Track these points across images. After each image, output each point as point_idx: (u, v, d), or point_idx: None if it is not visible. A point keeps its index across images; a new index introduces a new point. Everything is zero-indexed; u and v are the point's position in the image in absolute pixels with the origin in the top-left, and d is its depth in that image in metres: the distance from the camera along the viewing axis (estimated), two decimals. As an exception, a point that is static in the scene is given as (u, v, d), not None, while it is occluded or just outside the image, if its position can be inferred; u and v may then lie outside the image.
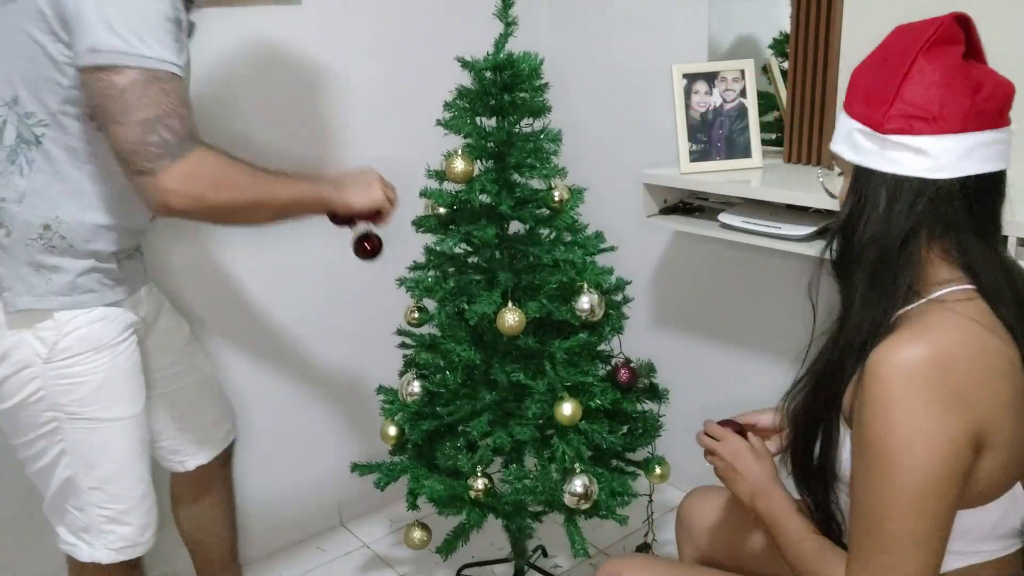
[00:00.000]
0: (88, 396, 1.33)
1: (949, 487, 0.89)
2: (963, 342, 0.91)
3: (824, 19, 1.69)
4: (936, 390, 0.88)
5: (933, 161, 0.93)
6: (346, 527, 2.30)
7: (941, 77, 0.93)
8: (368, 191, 1.44)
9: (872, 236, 0.97)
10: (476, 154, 1.57)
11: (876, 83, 0.97)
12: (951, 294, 0.96)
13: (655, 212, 1.92)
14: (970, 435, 0.89)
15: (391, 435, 1.72)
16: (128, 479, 1.41)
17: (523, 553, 1.91)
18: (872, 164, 0.97)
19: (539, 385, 1.58)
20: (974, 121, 0.93)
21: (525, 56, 1.54)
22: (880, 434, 0.90)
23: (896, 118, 0.94)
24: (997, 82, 0.95)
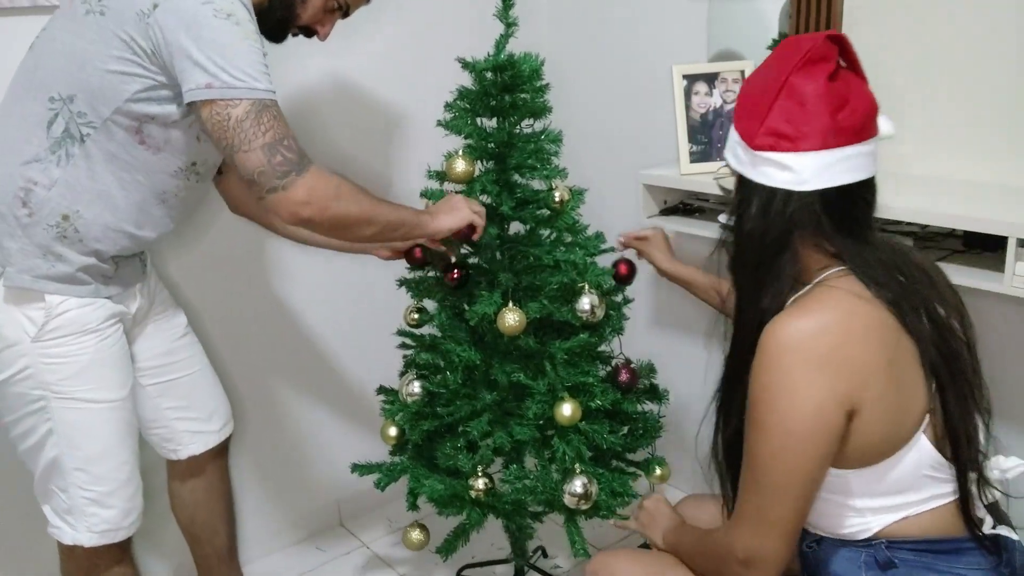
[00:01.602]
0: (74, 376, 1.37)
1: (810, 441, 1.01)
2: (835, 309, 1.03)
3: (824, 20, 1.69)
4: (809, 355, 1.00)
5: (796, 175, 1.04)
6: (346, 527, 2.30)
7: (806, 97, 1.02)
8: (456, 213, 1.51)
9: (751, 238, 1.09)
10: (477, 155, 1.57)
11: (754, 99, 1.07)
12: (831, 276, 1.08)
13: (655, 213, 1.92)
14: (839, 397, 1.00)
15: (391, 435, 1.72)
16: (111, 461, 1.44)
17: (523, 553, 1.91)
18: (748, 174, 1.08)
19: (539, 385, 1.58)
20: (833, 139, 1.03)
21: (526, 57, 1.54)
22: (756, 393, 1.04)
23: (765, 136, 1.05)
24: (861, 100, 1.05)
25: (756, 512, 1.06)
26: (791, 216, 1.06)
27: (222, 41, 1.21)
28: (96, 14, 1.26)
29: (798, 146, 1.03)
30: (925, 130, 1.66)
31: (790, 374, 1.00)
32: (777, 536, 1.05)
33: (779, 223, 1.06)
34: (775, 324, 1.03)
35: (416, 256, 1.62)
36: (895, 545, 1.09)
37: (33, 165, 1.31)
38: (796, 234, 1.07)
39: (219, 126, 1.23)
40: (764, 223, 1.07)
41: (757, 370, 1.04)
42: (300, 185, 1.27)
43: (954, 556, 1.08)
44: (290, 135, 1.27)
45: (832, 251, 1.08)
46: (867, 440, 1.04)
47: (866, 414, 1.02)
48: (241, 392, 2.03)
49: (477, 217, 1.53)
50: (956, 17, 1.56)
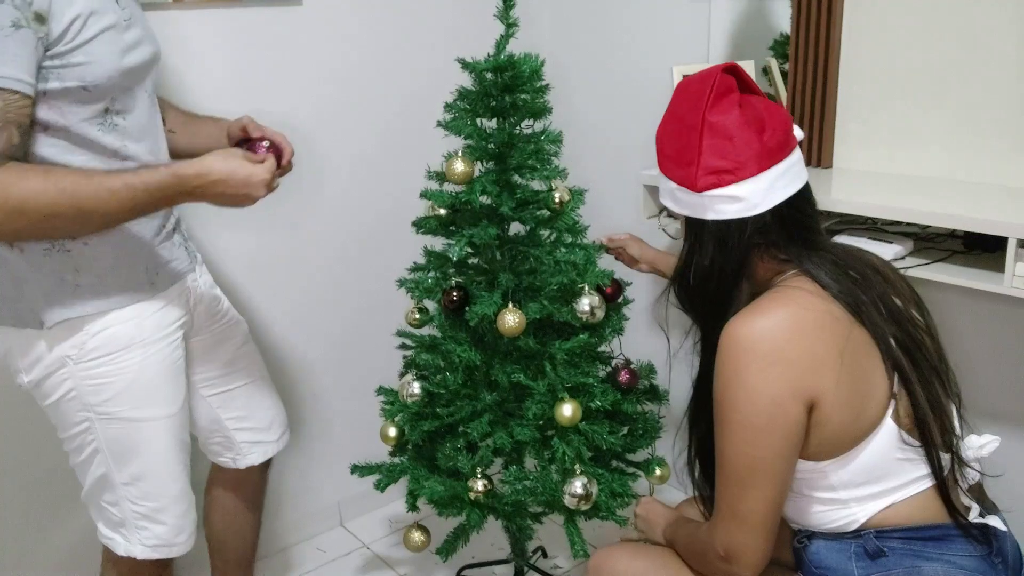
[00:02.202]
0: (117, 396, 1.33)
1: (770, 435, 1.05)
2: (786, 305, 1.07)
3: (824, 20, 1.69)
4: (761, 352, 1.04)
5: (746, 203, 1.10)
6: (346, 527, 2.31)
7: (730, 130, 1.09)
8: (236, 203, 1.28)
9: (711, 272, 1.15)
10: (477, 155, 1.57)
11: (679, 146, 1.13)
12: (785, 279, 1.13)
13: (655, 213, 1.92)
14: (793, 388, 1.04)
15: (391, 436, 1.72)
16: (161, 478, 1.41)
17: (523, 554, 1.91)
18: (698, 215, 1.14)
19: (539, 386, 1.58)
20: (767, 159, 1.09)
21: (526, 58, 1.54)
22: (717, 393, 1.09)
23: (705, 176, 1.10)
24: (776, 116, 1.11)
25: (729, 508, 1.10)
26: (748, 240, 1.12)
27: None
28: None
29: (740, 176, 1.09)
30: (925, 130, 1.65)
31: (746, 370, 1.05)
32: (750, 529, 1.08)
33: (738, 250, 1.13)
34: (730, 325, 1.07)
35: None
36: (883, 534, 1.11)
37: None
38: (753, 254, 1.14)
39: None
40: (723, 255, 1.13)
41: (717, 370, 1.09)
42: None
43: (943, 543, 1.10)
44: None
45: (784, 258, 1.14)
46: (832, 429, 1.07)
47: (825, 405, 1.05)
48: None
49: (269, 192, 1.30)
50: (956, 17, 1.56)
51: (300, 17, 1.94)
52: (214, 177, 1.22)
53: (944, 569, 1.08)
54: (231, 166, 1.24)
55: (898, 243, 1.51)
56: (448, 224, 1.65)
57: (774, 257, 1.14)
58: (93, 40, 1.19)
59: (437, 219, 1.66)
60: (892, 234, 1.57)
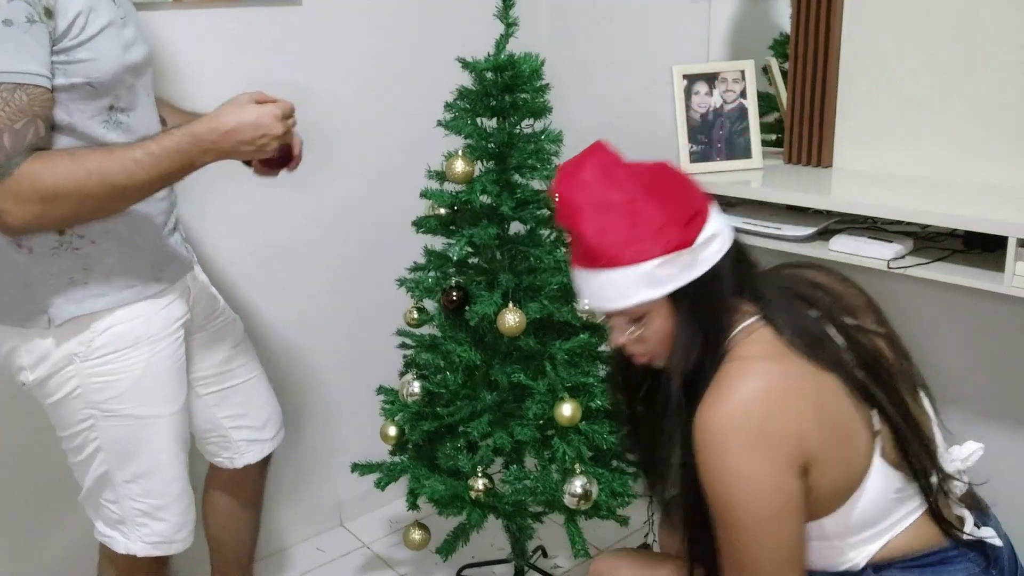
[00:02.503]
0: (122, 394, 1.34)
1: (781, 518, 0.99)
2: (752, 382, 1.01)
3: (824, 19, 1.69)
4: (743, 438, 0.97)
5: (722, 233, 1.07)
6: (346, 527, 2.30)
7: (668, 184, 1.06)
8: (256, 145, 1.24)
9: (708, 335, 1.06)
10: (477, 155, 1.57)
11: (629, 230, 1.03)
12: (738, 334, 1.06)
13: (655, 213, 1.92)
14: (787, 463, 0.98)
15: (391, 435, 1.72)
16: (163, 475, 1.42)
17: (523, 553, 1.91)
18: (693, 275, 1.05)
19: (540, 386, 1.58)
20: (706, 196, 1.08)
21: (526, 57, 1.54)
22: (713, 487, 1.00)
23: (691, 229, 1.03)
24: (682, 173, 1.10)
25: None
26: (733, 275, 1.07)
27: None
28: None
29: (706, 214, 1.06)
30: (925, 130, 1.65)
31: (734, 461, 0.98)
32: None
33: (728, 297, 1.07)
34: (701, 416, 1.00)
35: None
36: (881, 568, 1.08)
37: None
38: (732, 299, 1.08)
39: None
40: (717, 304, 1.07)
41: (701, 468, 1.01)
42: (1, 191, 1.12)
43: (941, 567, 1.08)
44: (9, 128, 1.09)
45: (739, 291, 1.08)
46: (826, 488, 1.03)
47: (817, 467, 1.01)
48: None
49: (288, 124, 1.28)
50: (955, 17, 1.56)
51: (300, 17, 1.94)
52: (225, 128, 1.22)
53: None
54: (238, 112, 1.23)
55: (898, 242, 1.51)
56: (448, 224, 1.66)
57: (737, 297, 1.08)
58: (97, 36, 1.19)
59: (437, 219, 1.66)
60: (892, 233, 1.57)
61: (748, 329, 1.06)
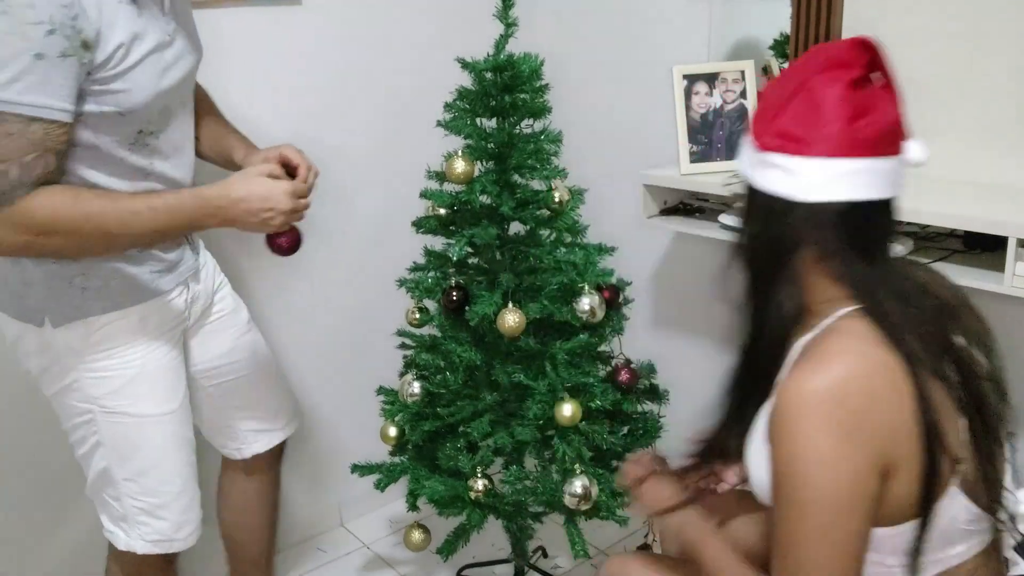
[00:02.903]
0: (119, 390, 1.35)
1: (853, 514, 0.92)
2: (857, 366, 0.93)
3: (824, 19, 1.69)
4: (837, 420, 0.90)
5: (799, 182, 0.95)
6: (346, 527, 2.30)
7: (823, 100, 0.94)
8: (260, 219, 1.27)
9: (754, 247, 1.02)
10: (476, 155, 1.57)
11: (770, 101, 0.99)
12: (846, 316, 0.98)
13: (655, 213, 1.92)
14: (873, 461, 0.91)
15: (391, 436, 1.72)
16: (161, 474, 1.42)
17: (523, 554, 1.91)
18: (751, 178, 1.00)
19: (540, 386, 1.58)
20: (847, 147, 0.94)
21: (525, 57, 1.54)
22: (785, 464, 0.93)
23: (773, 136, 0.97)
24: (884, 113, 0.96)
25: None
26: (796, 227, 0.97)
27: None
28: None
29: (805, 150, 0.94)
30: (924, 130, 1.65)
31: (818, 444, 0.90)
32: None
33: (781, 233, 0.98)
34: (793, 383, 0.93)
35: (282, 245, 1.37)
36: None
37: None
38: (803, 253, 0.98)
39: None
40: (767, 230, 0.99)
41: (779, 437, 0.93)
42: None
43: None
44: (17, 160, 1.11)
45: (838, 277, 0.98)
46: (901, 500, 0.96)
47: (902, 474, 0.94)
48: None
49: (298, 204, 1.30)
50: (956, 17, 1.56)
51: (300, 17, 1.94)
52: (234, 196, 1.25)
53: None
54: (250, 183, 1.27)
55: (898, 242, 1.51)
56: (448, 224, 1.66)
57: (828, 274, 0.99)
58: (135, 68, 1.20)
59: (437, 219, 1.66)
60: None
61: (851, 316, 0.98)
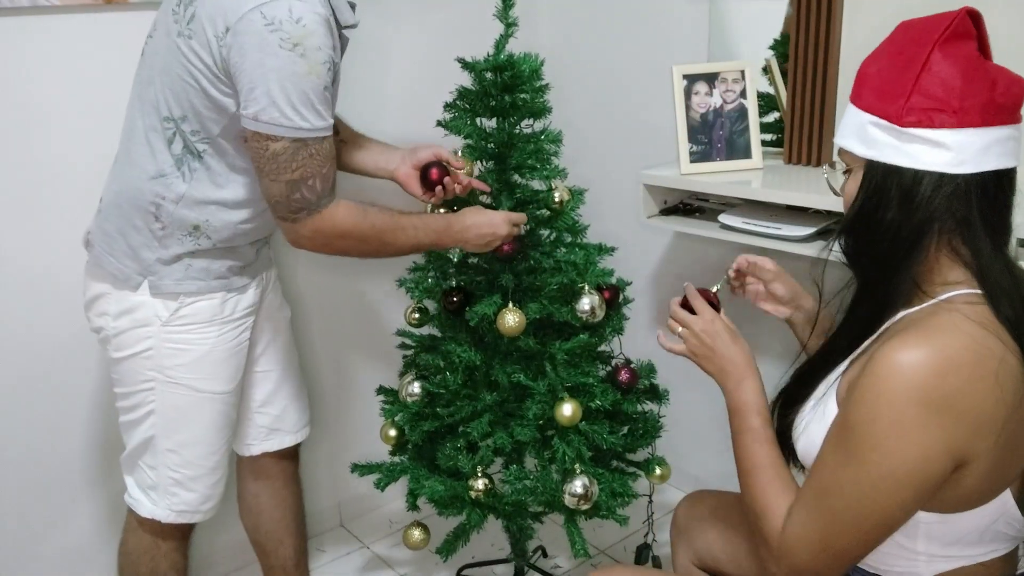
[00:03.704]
0: (190, 363, 1.44)
1: (904, 488, 0.91)
2: (965, 347, 0.90)
3: (824, 19, 1.69)
4: (929, 397, 0.88)
5: (953, 155, 0.92)
6: (346, 527, 2.31)
7: (960, 70, 0.91)
8: (487, 242, 1.52)
9: (884, 231, 0.97)
10: (476, 155, 1.57)
11: (890, 76, 0.95)
12: (958, 297, 0.96)
13: (655, 213, 1.92)
14: (950, 445, 0.89)
15: (391, 436, 1.72)
16: (204, 448, 1.50)
17: (523, 554, 1.91)
18: (887, 158, 0.95)
19: (540, 386, 1.58)
20: (994, 115, 0.92)
21: (525, 57, 1.54)
22: (861, 419, 0.92)
23: (915, 111, 0.92)
24: (1011, 78, 0.94)
25: (821, 537, 0.96)
26: (937, 206, 0.93)
27: (281, 73, 1.22)
28: (186, 37, 1.28)
29: (959, 119, 0.91)
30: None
31: (904, 413, 0.88)
32: (835, 567, 0.97)
33: (920, 215, 0.94)
34: (896, 349, 0.90)
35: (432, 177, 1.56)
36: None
37: (159, 180, 1.36)
38: (936, 230, 0.95)
39: (257, 152, 1.29)
40: (905, 214, 0.95)
41: (866, 395, 0.91)
42: (308, 223, 1.34)
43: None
44: (319, 173, 1.31)
45: (969, 260, 0.96)
46: (961, 492, 0.94)
47: (972, 467, 0.92)
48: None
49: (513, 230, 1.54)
50: (956, 17, 1.56)
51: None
52: (468, 223, 1.50)
53: None
54: (478, 216, 1.51)
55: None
56: (448, 224, 1.65)
57: (955, 252, 0.96)
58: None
59: (437, 219, 1.66)
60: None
61: (968, 297, 0.95)
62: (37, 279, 1.69)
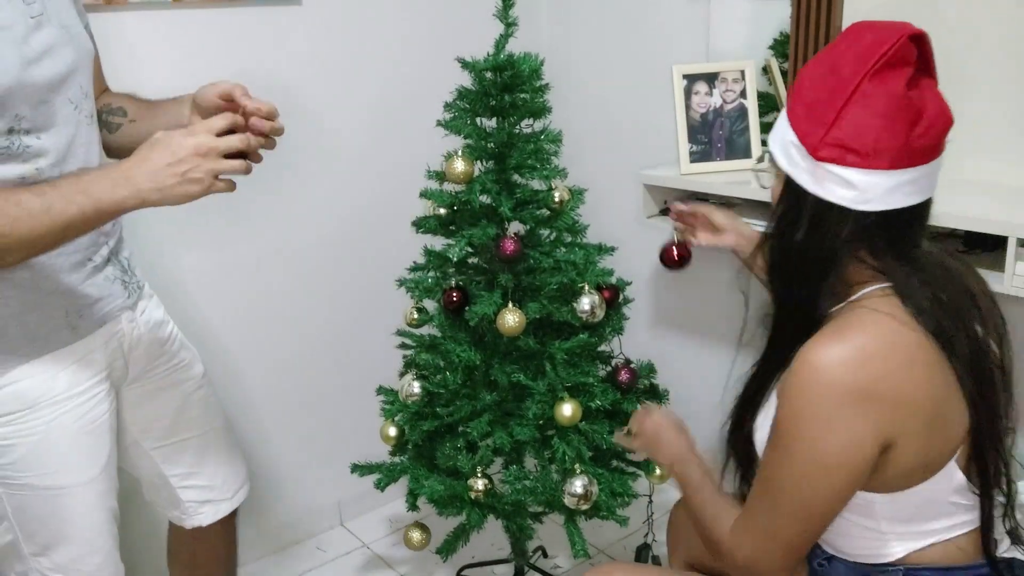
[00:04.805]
0: (20, 460, 1.17)
1: (835, 474, 0.96)
2: (875, 338, 0.96)
3: (824, 19, 1.69)
4: (847, 389, 0.94)
5: (859, 193, 0.96)
6: (346, 527, 2.31)
7: (882, 109, 0.94)
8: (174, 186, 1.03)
9: (796, 251, 1.02)
10: (476, 155, 1.57)
11: (819, 96, 0.97)
12: (870, 293, 1.01)
13: (655, 213, 1.92)
14: (874, 430, 0.95)
15: (391, 435, 1.72)
16: (78, 549, 1.25)
17: (523, 554, 1.91)
18: (802, 181, 1.00)
19: (539, 386, 1.58)
20: (905, 159, 0.95)
21: (525, 57, 1.54)
22: (786, 416, 0.98)
23: (830, 146, 0.96)
24: (937, 114, 0.97)
25: (766, 529, 1.03)
26: (844, 234, 0.99)
27: None
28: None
29: (868, 164, 0.94)
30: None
31: (824, 405, 0.94)
32: (783, 555, 1.03)
33: (830, 240, 0.99)
34: (811, 348, 0.96)
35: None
36: (913, 572, 1.05)
37: None
38: (844, 251, 1.01)
39: None
40: (814, 238, 1.00)
41: (789, 393, 0.98)
42: None
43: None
44: None
45: (876, 266, 1.01)
46: (899, 470, 0.99)
47: (901, 447, 0.97)
48: (241, 393, 2.03)
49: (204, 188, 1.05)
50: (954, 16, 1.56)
51: (300, 17, 1.94)
52: (131, 160, 1.02)
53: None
54: (157, 138, 1.03)
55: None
56: (448, 224, 1.65)
57: (864, 261, 1.02)
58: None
59: (437, 219, 1.66)
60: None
61: (880, 292, 1.01)
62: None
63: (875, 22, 0.99)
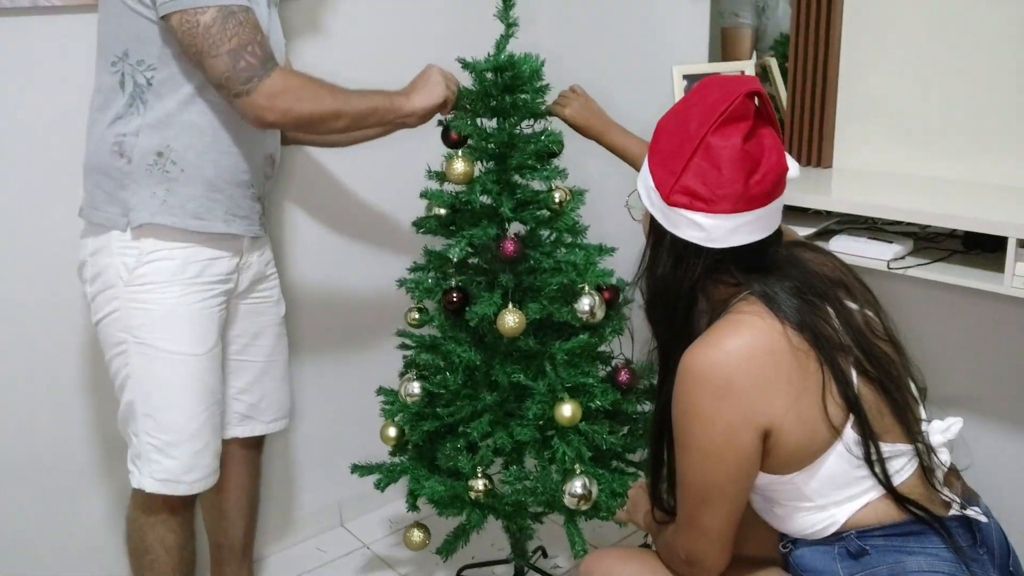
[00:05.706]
0: (152, 323, 1.45)
1: (723, 459, 1.09)
2: (737, 335, 1.09)
3: (824, 20, 1.69)
4: (714, 385, 1.07)
5: (707, 234, 1.11)
6: (346, 527, 2.31)
7: (725, 160, 1.07)
8: (431, 90, 1.54)
9: (666, 285, 1.17)
10: (477, 155, 1.57)
11: (673, 147, 1.12)
12: (738, 301, 1.14)
13: (655, 213, 1.92)
14: (745, 417, 1.06)
15: (391, 436, 1.72)
16: (179, 413, 1.49)
17: (523, 554, 1.91)
18: (661, 221, 1.15)
19: (539, 386, 1.58)
20: (744, 204, 1.08)
21: (526, 58, 1.54)
22: (675, 417, 1.12)
23: (679, 194, 1.10)
24: (773, 163, 1.09)
25: (688, 520, 1.15)
26: (700, 267, 1.13)
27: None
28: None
29: (711, 209, 1.09)
30: (925, 130, 1.66)
31: (700, 401, 1.08)
32: (709, 540, 1.14)
33: (690, 272, 1.14)
34: (687, 355, 1.10)
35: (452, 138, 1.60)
36: (865, 534, 1.11)
37: (118, 123, 1.41)
38: (704, 279, 1.15)
39: (188, 34, 1.30)
40: (677, 273, 1.15)
41: (675, 397, 1.12)
42: (262, 89, 1.34)
43: (924, 536, 1.10)
44: (255, 40, 1.33)
45: (736, 282, 1.14)
46: (788, 450, 1.09)
47: (779, 429, 1.08)
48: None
49: (450, 93, 1.56)
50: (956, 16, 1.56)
51: (300, 17, 1.94)
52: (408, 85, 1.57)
53: (928, 561, 1.08)
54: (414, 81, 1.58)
55: (898, 243, 1.51)
56: (448, 224, 1.66)
57: (726, 282, 1.15)
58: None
59: (437, 219, 1.66)
60: (892, 234, 1.57)
61: (745, 299, 1.13)
62: (38, 276, 1.70)
63: (723, 78, 1.15)
